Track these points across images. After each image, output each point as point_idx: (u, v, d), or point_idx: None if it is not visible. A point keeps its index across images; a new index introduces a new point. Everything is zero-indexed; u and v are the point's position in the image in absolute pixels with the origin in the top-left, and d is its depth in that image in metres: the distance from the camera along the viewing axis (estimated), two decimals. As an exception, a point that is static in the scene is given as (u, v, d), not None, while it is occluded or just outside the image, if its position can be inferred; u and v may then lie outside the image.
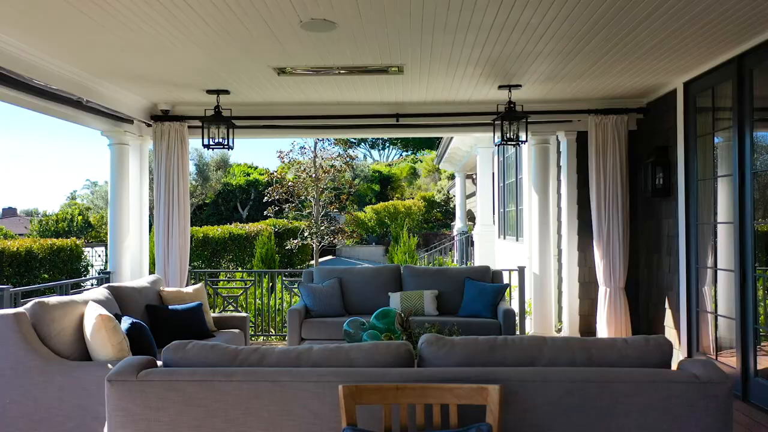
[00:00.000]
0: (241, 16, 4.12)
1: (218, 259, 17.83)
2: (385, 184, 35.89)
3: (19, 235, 26.02)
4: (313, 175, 18.37)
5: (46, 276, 13.17)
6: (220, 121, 6.36)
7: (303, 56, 5.10)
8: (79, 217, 26.81)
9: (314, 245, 18.53)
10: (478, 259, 12.78)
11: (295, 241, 18.37)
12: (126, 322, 4.00)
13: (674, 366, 2.32)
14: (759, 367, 4.86)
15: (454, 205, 22.30)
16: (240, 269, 14.05)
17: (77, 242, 14.28)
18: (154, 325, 4.74)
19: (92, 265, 15.40)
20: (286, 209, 19.39)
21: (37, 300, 3.78)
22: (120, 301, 4.61)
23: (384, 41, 4.70)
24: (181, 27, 4.35)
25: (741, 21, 4.33)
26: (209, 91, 6.36)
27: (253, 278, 8.48)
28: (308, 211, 19.22)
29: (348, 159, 19.80)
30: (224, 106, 6.58)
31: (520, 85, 6.19)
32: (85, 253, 14.94)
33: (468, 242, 15.61)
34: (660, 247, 6.59)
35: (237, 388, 2.16)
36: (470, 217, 20.13)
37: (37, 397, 3.56)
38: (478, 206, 13.60)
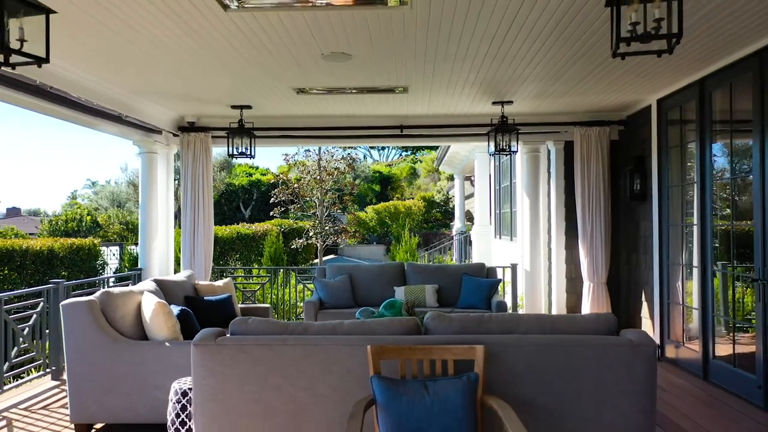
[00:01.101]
0: (271, 49, 4.85)
1: (226, 258, 18.56)
2: (385, 184, 36.61)
3: (30, 234, 26.76)
4: (318, 177, 19.12)
5: (65, 274, 13.88)
6: (243, 133, 7.09)
7: (320, 79, 5.84)
8: (88, 218, 27.54)
9: (318, 245, 19.29)
10: (476, 258, 13.51)
11: (300, 241, 19.12)
12: (176, 309, 4.74)
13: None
14: (722, 353, 5.60)
15: (454, 206, 23.00)
16: (256, 266, 14.74)
17: (95, 242, 15.00)
18: (193, 313, 5.46)
19: (107, 264, 16.13)
20: (292, 210, 20.15)
21: (104, 290, 4.52)
22: (164, 292, 5.34)
23: (392, 68, 5.44)
24: (219, 58, 5.08)
25: (702, 50, 5.07)
26: (233, 107, 7.10)
27: (269, 275, 9.22)
28: (312, 211, 19.97)
29: (350, 161, 20.52)
30: (246, 119, 7.32)
31: (512, 102, 6.93)
32: (101, 252, 15.68)
33: (466, 242, 16.35)
34: (638, 247, 7.33)
35: (290, 350, 2.90)
36: (469, 217, 20.86)
37: (108, 370, 4.29)
38: (476, 207, 14.34)
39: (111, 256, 16.70)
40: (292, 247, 19.52)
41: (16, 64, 2.96)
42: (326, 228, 19.20)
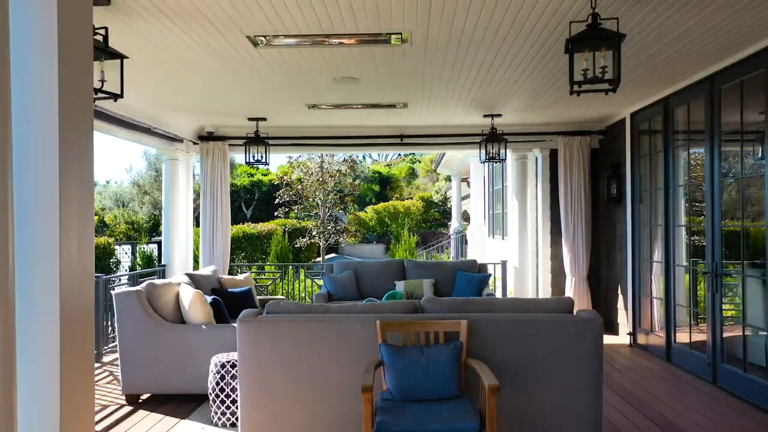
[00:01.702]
0: (289, 74, 5.63)
1: (233, 257, 19.35)
2: (384, 185, 37.37)
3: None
4: (320, 179, 19.91)
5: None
6: (259, 143, 7.87)
7: (330, 97, 6.62)
8: (96, 218, 28.32)
9: (321, 244, 20.10)
10: (471, 255, 14.31)
11: (304, 240, 19.94)
12: (208, 298, 5.52)
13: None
14: (683, 339, 6.40)
15: (451, 206, 23.81)
16: (268, 263, 15.51)
17: (109, 240, 15.78)
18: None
19: (120, 261, 16.91)
20: (296, 210, 20.96)
21: (148, 281, 5.30)
22: (195, 284, 6.12)
23: (393, 89, 6.23)
24: (243, 81, 5.86)
25: (665, 74, 5.85)
26: (250, 119, 7.88)
27: (280, 271, 10.01)
28: (315, 212, 20.77)
29: (351, 163, 21.31)
30: (261, 129, 8.10)
31: (501, 114, 7.72)
32: (115, 251, 16.46)
33: (462, 240, 17.15)
34: (615, 245, 8.12)
35: (315, 325, 3.68)
36: (465, 217, 21.67)
37: (153, 349, 5.07)
38: (471, 208, 15.14)
39: (123, 254, 17.47)
40: (296, 246, 20.30)
41: (97, 98, 3.74)
42: (328, 228, 20.02)
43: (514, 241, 9.23)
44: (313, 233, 20.04)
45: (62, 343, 2.36)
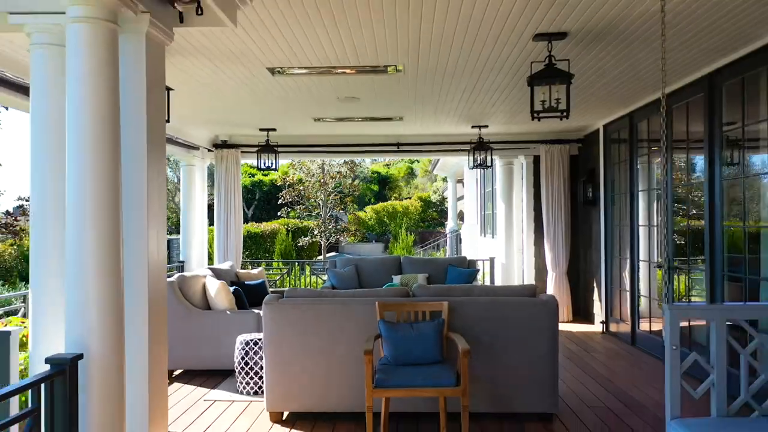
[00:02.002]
0: (299, 95, 6.50)
1: (238, 255, 20.18)
2: (383, 185, 38.17)
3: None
4: (322, 180, 20.82)
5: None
6: (270, 151, 8.74)
7: (334, 112, 7.49)
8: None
9: (322, 242, 20.99)
10: (465, 253, 15.18)
11: (306, 239, 20.84)
12: (231, 288, 6.39)
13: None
14: (644, 325, 7.27)
15: (448, 206, 24.68)
16: (276, 260, 16.39)
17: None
18: (237, 293, 7.10)
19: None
20: (298, 210, 21.84)
21: (179, 274, 6.17)
22: (217, 277, 6.99)
23: (390, 105, 7.10)
24: (258, 99, 6.72)
25: (630, 92, 6.72)
26: (261, 129, 8.74)
27: (287, 267, 10.89)
28: (317, 212, 21.67)
29: (351, 165, 22.20)
30: (271, 137, 8.97)
31: (487, 126, 8.59)
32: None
33: (458, 239, 18.02)
34: (591, 244, 9.00)
35: (326, 307, 4.55)
36: (461, 216, 22.56)
37: (184, 331, 5.94)
38: (465, 209, 16.01)
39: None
40: (299, 244, 21.17)
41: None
42: (329, 227, 20.91)
43: (501, 240, 10.10)
44: (315, 232, 20.93)
45: (149, 315, 3.25)
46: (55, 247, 3.11)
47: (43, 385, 2.54)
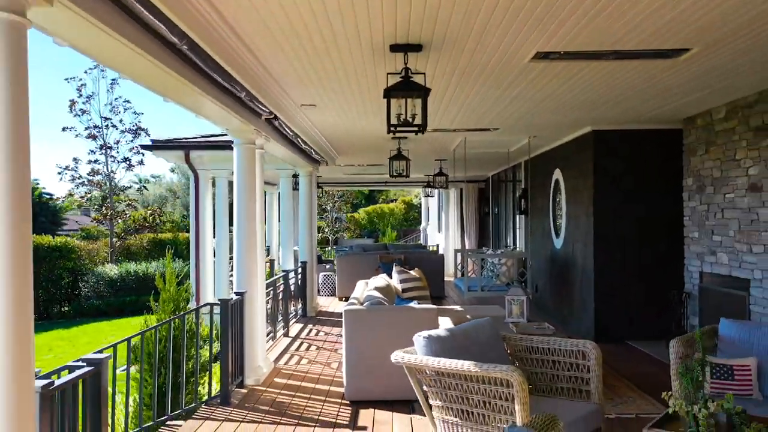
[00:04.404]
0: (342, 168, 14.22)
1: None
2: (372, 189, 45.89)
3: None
4: (330, 192, 28.59)
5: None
6: (319, 187, 16.48)
7: (342, 173, 15.24)
8: (151, 217, 36.51)
9: (330, 237, 28.80)
10: (430, 242, 23.03)
11: (319, 235, 28.67)
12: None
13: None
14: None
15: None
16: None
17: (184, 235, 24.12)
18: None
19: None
20: (311, 213, 29.83)
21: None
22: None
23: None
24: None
25: (496, 162, 14.55)
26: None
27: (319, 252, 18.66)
28: (325, 214, 29.44)
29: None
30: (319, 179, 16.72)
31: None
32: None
33: (426, 234, 25.90)
34: (486, 236, 16.82)
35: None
36: (429, 219, 30.42)
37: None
38: (431, 214, 23.86)
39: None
40: (313, 238, 29.03)
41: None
42: (336, 226, 28.77)
43: (445, 234, 17.92)
44: (326, 230, 28.74)
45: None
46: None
47: None
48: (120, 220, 22.15)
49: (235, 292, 6.06)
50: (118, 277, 17.31)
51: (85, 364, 3.49)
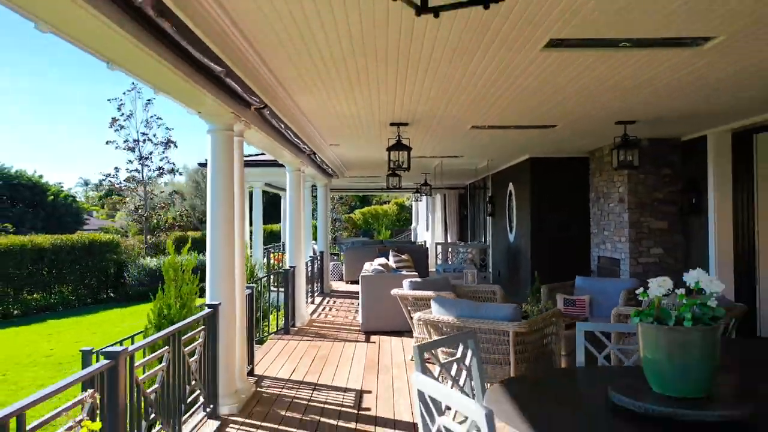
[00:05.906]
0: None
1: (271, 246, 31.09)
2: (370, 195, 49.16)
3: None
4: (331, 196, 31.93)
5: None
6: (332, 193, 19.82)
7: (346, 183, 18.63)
8: (175, 215, 39.66)
9: (330, 236, 32.17)
10: (419, 239, 26.45)
11: (320, 233, 32.01)
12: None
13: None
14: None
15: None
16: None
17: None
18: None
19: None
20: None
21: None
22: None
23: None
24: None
25: (472, 174, 17.97)
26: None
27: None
28: (326, 215, 32.84)
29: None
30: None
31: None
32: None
33: (416, 232, 29.32)
34: (466, 233, 20.23)
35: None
36: (418, 219, 33.84)
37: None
38: (420, 215, 27.28)
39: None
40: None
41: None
42: (337, 226, 32.09)
43: (432, 231, 21.32)
44: (327, 229, 32.12)
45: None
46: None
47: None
48: (155, 220, 25.47)
49: (288, 266, 9.46)
50: (157, 268, 20.54)
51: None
